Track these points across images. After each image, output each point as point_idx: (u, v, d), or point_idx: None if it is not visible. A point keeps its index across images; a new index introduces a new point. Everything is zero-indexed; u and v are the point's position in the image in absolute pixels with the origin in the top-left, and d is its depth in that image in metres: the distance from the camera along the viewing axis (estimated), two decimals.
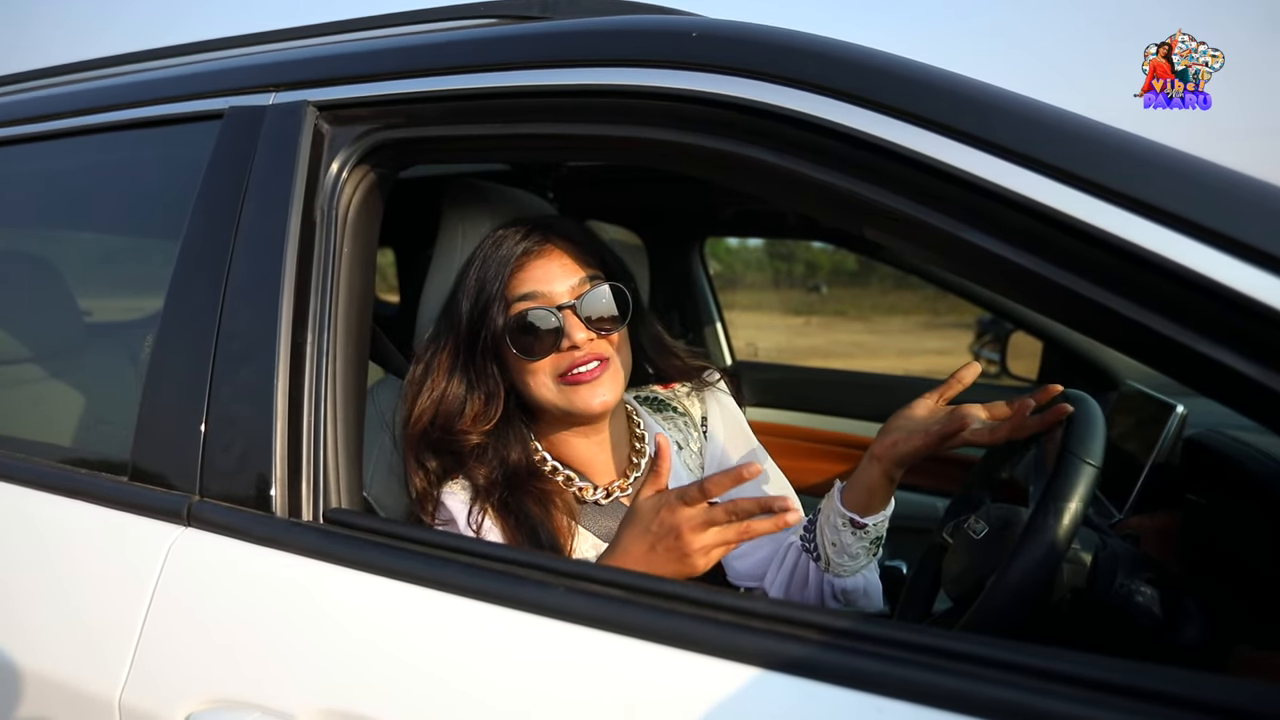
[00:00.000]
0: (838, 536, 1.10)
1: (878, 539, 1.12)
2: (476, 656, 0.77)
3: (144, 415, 1.02)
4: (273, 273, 0.97)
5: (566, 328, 1.09)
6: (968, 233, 0.74)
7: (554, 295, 1.11)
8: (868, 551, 1.11)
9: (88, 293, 1.56)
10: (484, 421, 1.13)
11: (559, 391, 1.11)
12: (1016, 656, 0.62)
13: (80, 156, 1.30)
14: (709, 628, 0.70)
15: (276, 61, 1.12)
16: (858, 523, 1.09)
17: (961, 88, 0.74)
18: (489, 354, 1.13)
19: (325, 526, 0.91)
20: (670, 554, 0.89)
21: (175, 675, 0.86)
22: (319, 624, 0.84)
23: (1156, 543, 1.27)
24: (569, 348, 1.09)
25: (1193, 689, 0.58)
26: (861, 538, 1.10)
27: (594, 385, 1.10)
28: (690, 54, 0.84)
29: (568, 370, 1.10)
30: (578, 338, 1.09)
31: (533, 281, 1.12)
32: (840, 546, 1.10)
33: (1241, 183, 0.64)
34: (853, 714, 0.63)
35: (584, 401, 1.10)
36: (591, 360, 1.10)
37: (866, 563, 1.13)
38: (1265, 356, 0.61)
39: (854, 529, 1.09)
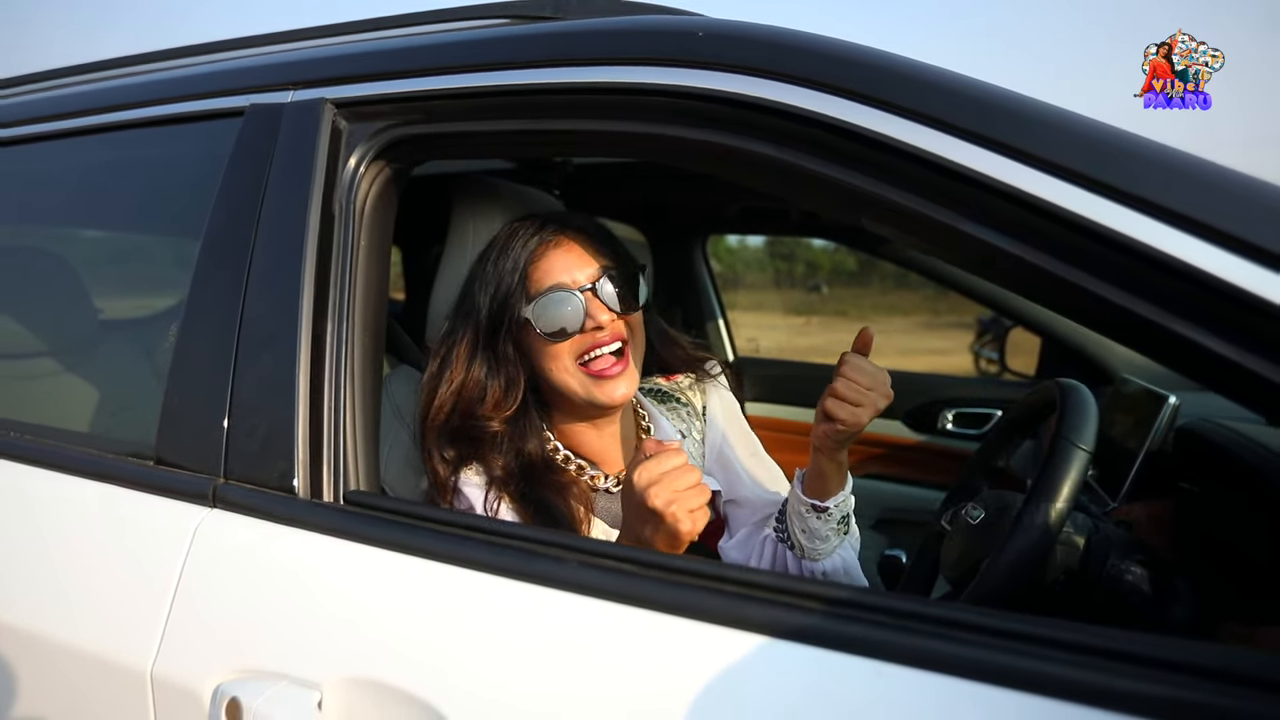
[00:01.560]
0: (805, 523, 1.15)
1: (844, 518, 1.16)
2: (492, 627, 0.80)
3: (169, 402, 1.05)
4: (293, 264, 1.00)
5: (590, 309, 1.13)
6: (964, 224, 0.77)
7: (575, 281, 1.15)
8: (836, 532, 1.16)
9: (113, 285, 1.60)
10: (505, 408, 1.16)
11: (581, 380, 1.14)
12: (1004, 623, 0.65)
13: (106, 152, 1.33)
14: (717, 599, 0.74)
15: (295, 60, 1.15)
16: (819, 507, 1.13)
17: (958, 85, 0.77)
18: (509, 342, 1.16)
19: (346, 507, 0.94)
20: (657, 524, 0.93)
21: (204, 648, 0.89)
22: (341, 598, 0.87)
23: (1150, 529, 1.30)
24: (593, 328, 1.13)
25: (1170, 652, 0.61)
26: (827, 520, 1.14)
27: (616, 380, 1.14)
28: (697, 53, 0.87)
29: (590, 349, 1.13)
30: (601, 318, 1.12)
31: (553, 269, 1.15)
32: (810, 531, 1.15)
33: (1228, 177, 0.67)
34: (853, 677, 0.67)
35: (606, 394, 1.13)
36: (614, 341, 1.14)
37: (838, 543, 1.17)
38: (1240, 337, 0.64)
39: (817, 514, 1.14)
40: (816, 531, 1.14)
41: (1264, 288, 0.62)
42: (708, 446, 1.32)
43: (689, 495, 0.93)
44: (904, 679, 0.65)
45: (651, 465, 0.94)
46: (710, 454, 1.32)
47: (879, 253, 2.75)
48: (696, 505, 0.93)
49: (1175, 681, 0.58)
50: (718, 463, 1.32)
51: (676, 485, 0.92)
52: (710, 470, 1.31)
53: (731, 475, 1.30)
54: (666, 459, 0.94)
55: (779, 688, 0.69)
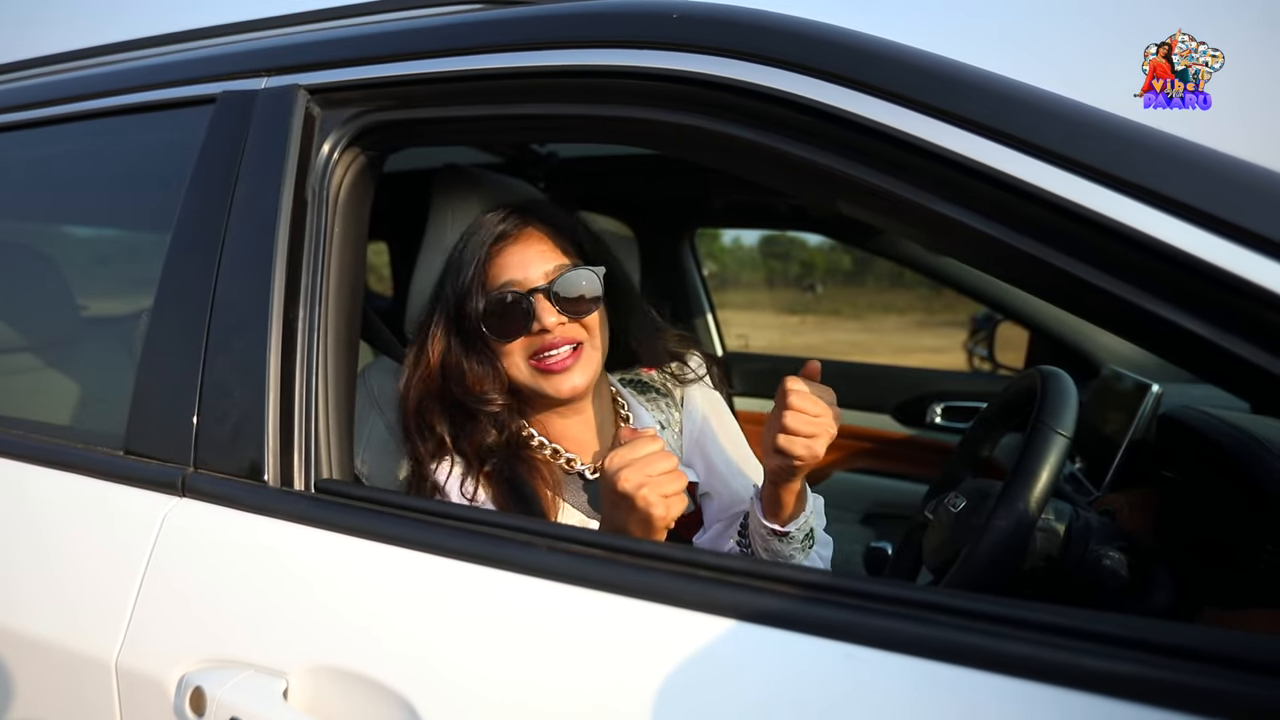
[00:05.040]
0: (766, 544, 1.12)
1: (808, 535, 1.12)
2: (460, 613, 0.79)
3: (139, 391, 1.04)
4: (265, 251, 0.99)
5: (537, 311, 1.11)
6: (936, 204, 0.77)
7: (528, 279, 1.13)
8: (802, 548, 1.12)
9: (84, 274, 1.58)
10: (476, 390, 1.15)
11: (531, 374, 1.14)
12: (971, 605, 0.65)
13: (77, 141, 1.32)
14: (687, 583, 0.73)
15: (268, 47, 1.14)
16: (778, 532, 1.10)
17: (930, 64, 0.76)
18: (476, 332, 1.15)
19: (316, 495, 0.93)
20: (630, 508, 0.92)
21: (170, 637, 0.88)
22: (309, 586, 0.86)
23: (1133, 517, 1.29)
24: (539, 331, 1.12)
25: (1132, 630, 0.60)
26: (789, 542, 1.11)
27: (564, 374, 1.13)
28: (671, 35, 0.86)
29: (539, 352, 1.13)
30: (548, 321, 1.11)
31: (508, 266, 1.14)
32: (773, 552, 1.12)
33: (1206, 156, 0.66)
34: (823, 660, 0.66)
35: (554, 387, 1.13)
36: (564, 344, 1.13)
37: (803, 559, 1.14)
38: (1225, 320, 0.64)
39: (778, 538, 1.10)
40: (780, 552, 1.12)
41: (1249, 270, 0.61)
42: (685, 438, 1.31)
43: (662, 480, 0.92)
44: (873, 661, 0.64)
45: (625, 450, 0.93)
46: (689, 445, 1.31)
47: (870, 247, 2.74)
48: (670, 490, 0.92)
49: (1139, 660, 0.58)
50: (697, 454, 1.31)
51: (650, 470, 0.92)
52: (689, 462, 1.30)
53: (710, 468, 1.29)
54: (641, 444, 0.93)
55: (750, 672, 0.68)
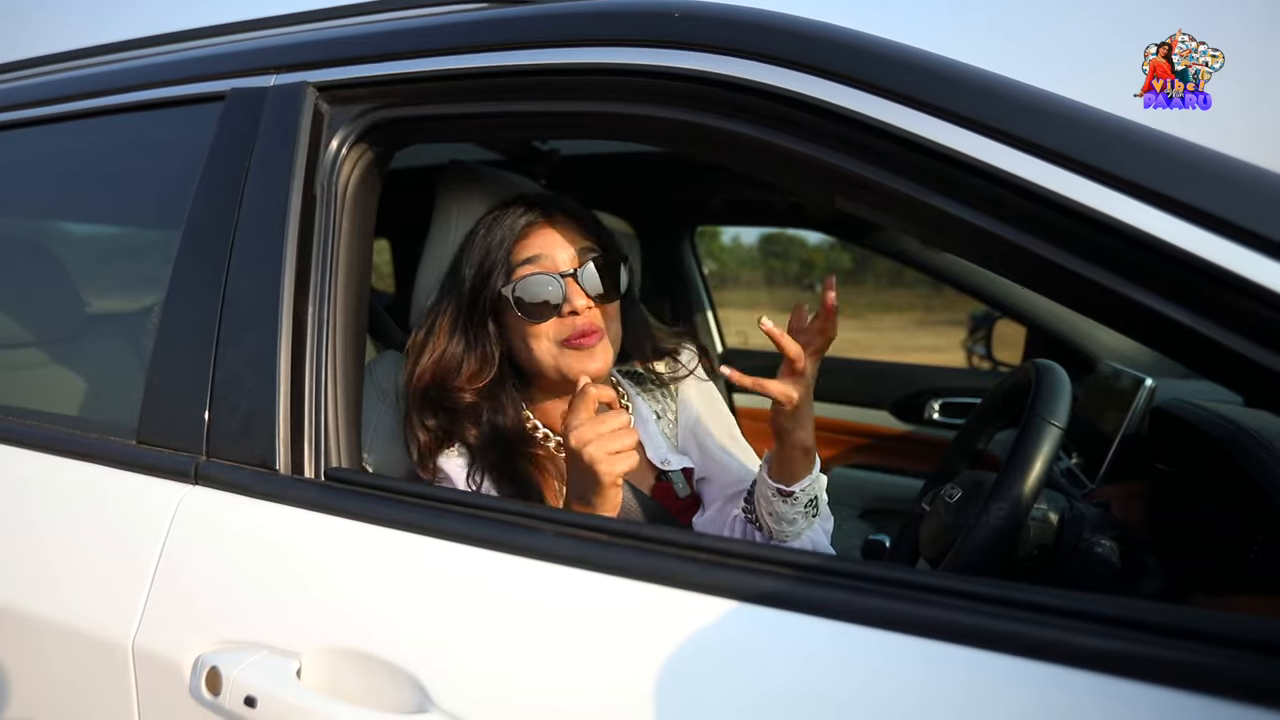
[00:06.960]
0: (771, 506, 1.15)
1: (811, 501, 1.15)
2: (468, 596, 0.81)
3: (152, 382, 1.06)
4: (275, 246, 1.01)
5: (569, 294, 1.14)
6: (932, 198, 0.79)
7: (557, 263, 1.16)
8: (804, 515, 1.16)
9: (96, 270, 1.61)
10: (478, 380, 1.18)
11: (557, 354, 1.16)
12: (968, 586, 0.67)
13: (88, 138, 1.33)
14: (688, 565, 0.75)
15: (277, 45, 1.16)
16: (784, 491, 1.13)
17: (924, 62, 0.78)
18: (488, 318, 1.18)
19: (326, 483, 0.95)
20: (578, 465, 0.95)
21: (185, 620, 0.90)
22: (320, 570, 0.88)
23: (1126, 509, 1.32)
24: (569, 313, 1.14)
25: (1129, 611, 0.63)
26: (793, 504, 1.14)
27: (590, 353, 1.15)
28: (674, 33, 0.88)
29: (570, 337, 1.15)
30: (579, 304, 1.14)
31: (537, 248, 1.17)
32: (777, 515, 1.15)
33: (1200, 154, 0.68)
34: (819, 639, 0.68)
35: (579, 366, 1.15)
36: (589, 326, 1.15)
37: (806, 526, 1.17)
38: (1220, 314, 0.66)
39: (783, 498, 1.13)
40: (783, 515, 1.15)
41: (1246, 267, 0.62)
42: (680, 426, 1.35)
43: (609, 437, 0.93)
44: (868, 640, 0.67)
45: (579, 408, 0.96)
46: (683, 433, 1.35)
47: (867, 244, 2.76)
48: (615, 447, 0.94)
49: (1128, 637, 0.60)
50: (692, 441, 1.34)
51: (600, 428, 0.94)
52: (684, 449, 1.34)
53: (704, 453, 1.32)
54: (589, 402, 0.96)
55: (751, 652, 0.70)
